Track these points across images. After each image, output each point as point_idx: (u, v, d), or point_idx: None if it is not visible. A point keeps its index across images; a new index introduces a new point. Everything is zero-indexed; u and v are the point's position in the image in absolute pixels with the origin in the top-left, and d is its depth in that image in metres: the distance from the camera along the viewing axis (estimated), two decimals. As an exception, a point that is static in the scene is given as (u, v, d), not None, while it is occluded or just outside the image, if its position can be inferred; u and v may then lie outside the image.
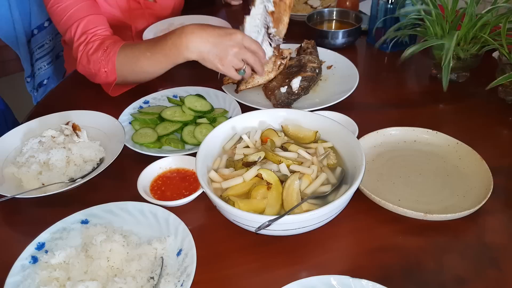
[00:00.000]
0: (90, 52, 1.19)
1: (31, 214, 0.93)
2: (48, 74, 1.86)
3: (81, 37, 1.22)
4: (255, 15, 1.18)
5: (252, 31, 1.17)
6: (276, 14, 1.21)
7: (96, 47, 1.19)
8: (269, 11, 1.19)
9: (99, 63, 1.18)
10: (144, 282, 0.75)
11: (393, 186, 0.94)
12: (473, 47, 1.21)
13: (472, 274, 0.77)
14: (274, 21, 1.21)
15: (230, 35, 1.08)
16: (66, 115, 1.12)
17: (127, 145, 1.03)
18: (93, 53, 1.19)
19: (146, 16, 1.55)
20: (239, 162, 0.89)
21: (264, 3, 1.18)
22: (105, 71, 1.18)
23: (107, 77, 1.19)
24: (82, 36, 1.22)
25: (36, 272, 0.77)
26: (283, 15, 1.22)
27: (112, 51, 1.17)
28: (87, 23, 1.23)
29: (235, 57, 1.09)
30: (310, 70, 1.21)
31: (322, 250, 0.83)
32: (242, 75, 1.14)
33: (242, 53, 1.10)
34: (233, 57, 1.09)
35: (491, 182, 0.88)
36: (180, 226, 0.83)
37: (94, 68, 1.19)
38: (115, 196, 0.92)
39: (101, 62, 1.18)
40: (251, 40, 1.11)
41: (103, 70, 1.18)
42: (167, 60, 1.14)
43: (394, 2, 1.37)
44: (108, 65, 1.17)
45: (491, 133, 1.10)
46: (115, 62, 1.17)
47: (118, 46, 1.18)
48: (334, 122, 0.94)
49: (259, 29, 1.18)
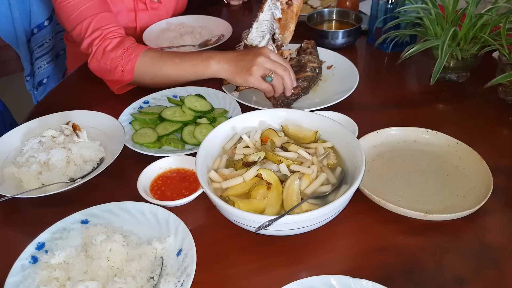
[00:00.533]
0: (108, 48, 1.19)
1: (31, 214, 0.93)
2: (47, 73, 1.86)
3: (94, 32, 1.21)
4: (263, 22, 1.20)
5: (258, 36, 1.18)
6: (283, 21, 1.23)
7: (116, 45, 1.19)
8: (276, 17, 1.21)
9: (118, 62, 1.18)
10: (144, 282, 0.75)
11: (393, 186, 0.94)
12: (473, 47, 1.21)
13: (472, 274, 0.77)
14: (280, 27, 1.22)
15: (257, 49, 1.12)
16: (66, 115, 1.12)
17: (127, 145, 1.03)
18: (112, 50, 1.19)
19: (151, 17, 1.56)
20: (239, 162, 0.89)
21: (272, 10, 1.19)
22: (122, 70, 1.18)
23: (123, 76, 1.19)
24: (96, 32, 1.21)
25: (36, 272, 0.77)
26: (289, 22, 1.24)
27: (134, 53, 1.18)
28: (100, 20, 1.22)
29: (261, 65, 1.09)
30: (310, 70, 1.21)
31: (322, 250, 0.83)
32: (269, 81, 1.11)
33: (268, 62, 1.09)
34: (260, 66, 1.09)
35: (491, 182, 0.88)
36: (180, 226, 0.83)
37: (111, 65, 1.19)
38: (115, 196, 0.92)
39: (120, 61, 1.18)
40: (277, 56, 1.13)
41: (119, 69, 1.18)
42: (193, 70, 1.16)
43: (394, 2, 1.37)
44: (127, 66, 1.18)
45: (491, 133, 1.10)
46: (135, 64, 1.17)
47: (141, 49, 1.19)
48: (334, 122, 0.94)
49: (264, 35, 1.19)
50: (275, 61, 1.11)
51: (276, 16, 1.21)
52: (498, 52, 1.17)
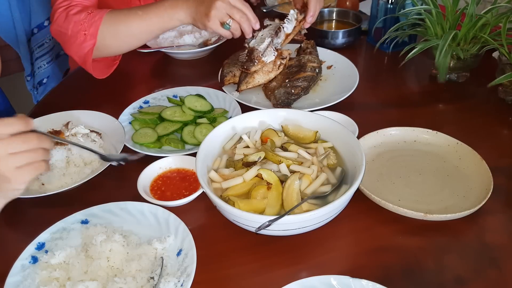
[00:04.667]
0: (71, 12, 1.14)
1: (31, 214, 0.93)
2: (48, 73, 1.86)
3: (64, 2, 1.17)
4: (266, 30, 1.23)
5: (259, 41, 1.20)
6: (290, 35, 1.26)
7: (80, 10, 1.15)
8: (286, 32, 1.23)
9: (80, 25, 1.13)
10: (144, 282, 0.75)
11: (393, 186, 0.94)
12: (473, 47, 1.21)
13: (472, 274, 0.77)
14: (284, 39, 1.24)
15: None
16: (66, 115, 1.12)
17: (127, 145, 1.03)
18: (75, 14, 1.14)
19: None
20: (239, 162, 0.89)
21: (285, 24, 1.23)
22: (85, 33, 1.13)
23: (85, 40, 1.13)
24: (65, 1, 1.17)
25: (36, 272, 0.77)
26: (292, 34, 1.26)
27: (98, 15, 1.14)
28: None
29: (219, 11, 1.08)
30: (310, 70, 1.21)
31: (322, 250, 0.83)
32: (227, 29, 1.11)
33: (226, 7, 1.08)
34: (217, 11, 1.08)
35: (491, 182, 0.88)
36: (180, 226, 0.83)
37: (73, 30, 1.13)
38: (115, 196, 0.92)
39: (82, 24, 1.13)
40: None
41: (82, 33, 1.13)
42: (159, 21, 1.13)
43: (394, 2, 1.37)
44: (90, 28, 1.12)
45: (491, 133, 1.10)
46: (99, 26, 1.13)
47: (105, 11, 1.15)
48: (334, 122, 0.94)
49: (266, 38, 1.20)
50: (233, 5, 1.09)
51: (286, 30, 1.24)
52: (498, 52, 1.17)
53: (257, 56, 1.17)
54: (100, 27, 1.13)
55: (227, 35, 1.14)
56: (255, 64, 1.17)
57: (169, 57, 1.45)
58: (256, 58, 1.17)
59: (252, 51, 1.18)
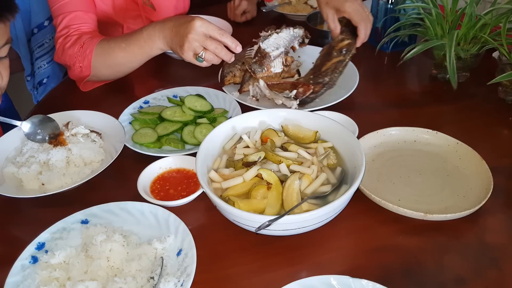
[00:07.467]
0: (67, 46, 1.21)
1: (31, 214, 0.93)
2: (47, 73, 1.87)
3: (63, 30, 1.24)
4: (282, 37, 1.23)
5: (273, 45, 1.20)
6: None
7: (73, 42, 1.21)
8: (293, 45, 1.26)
9: (75, 58, 1.20)
10: (144, 282, 0.75)
11: (393, 186, 0.94)
12: (473, 47, 1.21)
13: (472, 274, 0.77)
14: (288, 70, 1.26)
15: (187, 23, 1.07)
16: (66, 115, 1.12)
17: (127, 145, 1.03)
18: (70, 47, 1.21)
19: (143, 18, 1.53)
20: (239, 162, 0.89)
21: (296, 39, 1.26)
22: (80, 66, 1.20)
23: (81, 72, 1.21)
24: (64, 30, 1.24)
25: (36, 272, 0.77)
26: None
27: (89, 48, 1.19)
28: (73, 18, 1.24)
29: (191, 43, 1.07)
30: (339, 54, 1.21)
31: (322, 250, 0.83)
32: (200, 61, 1.10)
33: (200, 39, 1.07)
34: (190, 44, 1.07)
35: (491, 182, 0.88)
36: (180, 226, 0.83)
37: (70, 62, 1.22)
38: (115, 196, 0.92)
39: (77, 58, 1.20)
40: (210, 27, 1.07)
41: (78, 65, 1.21)
42: (142, 52, 1.17)
43: (394, 2, 1.37)
44: (84, 62, 1.19)
45: (491, 133, 1.10)
46: (91, 59, 1.19)
47: (95, 42, 1.20)
48: (334, 122, 0.94)
49: (279, 47, 1.21)
50: (208, 35, 1.07)
51: (295, 45, 1.25)
52: (498, 52, 1.17)
53: (267, 64, 1.19)
54: (92, 60, 1.19)
55: (203, 65, 1.12)
56: (263, 71, 1.19)
57: (169, 57, 1.45)
58: (265, 66, 1.19)
59: (264, 56, 1.19)
